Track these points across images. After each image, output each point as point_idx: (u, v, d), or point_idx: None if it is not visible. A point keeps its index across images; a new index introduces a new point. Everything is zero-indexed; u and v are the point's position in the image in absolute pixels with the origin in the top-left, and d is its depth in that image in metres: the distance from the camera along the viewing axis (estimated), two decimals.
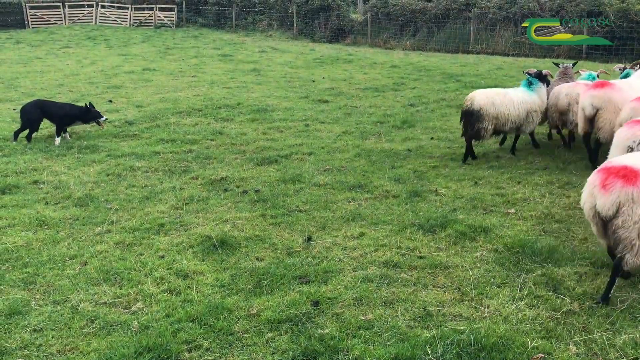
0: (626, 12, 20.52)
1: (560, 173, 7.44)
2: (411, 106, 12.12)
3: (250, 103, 12.44)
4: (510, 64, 19.36)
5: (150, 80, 15.95)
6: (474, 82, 14.94)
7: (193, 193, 6.95)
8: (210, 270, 5.01)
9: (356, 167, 7.90)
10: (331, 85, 15.07)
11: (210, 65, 19.29)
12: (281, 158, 8.37)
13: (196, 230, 5.81)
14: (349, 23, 29.52)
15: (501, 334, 3.91)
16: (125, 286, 4.74)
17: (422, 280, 4.78)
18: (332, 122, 10.81)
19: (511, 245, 5.27)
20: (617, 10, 20.76)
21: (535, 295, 4.46)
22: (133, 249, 5.47)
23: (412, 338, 3.94)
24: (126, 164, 8.11)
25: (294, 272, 4.90)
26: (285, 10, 32.10)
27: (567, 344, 3.86)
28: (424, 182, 7.22)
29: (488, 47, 23.73)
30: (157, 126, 10.39)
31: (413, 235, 5.63)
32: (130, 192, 7.02)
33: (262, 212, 6.32)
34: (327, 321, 4.20)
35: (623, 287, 4.55)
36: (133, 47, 25.52)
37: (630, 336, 3.89)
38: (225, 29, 34.27)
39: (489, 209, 6.32)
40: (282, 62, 20.36)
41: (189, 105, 12.11)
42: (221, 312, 4.30)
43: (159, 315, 4.31)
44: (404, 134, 9.72)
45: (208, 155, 8.53)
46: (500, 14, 23.73)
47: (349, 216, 6.16)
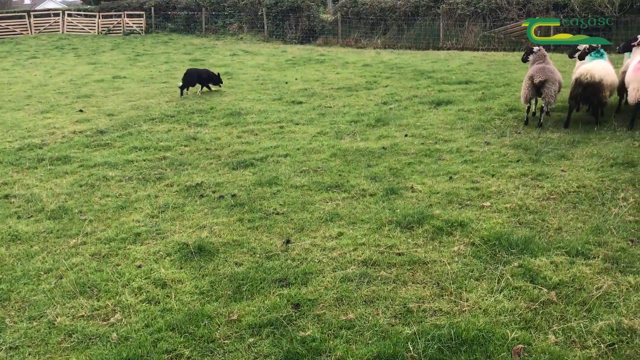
0: (590, 3, 20.91)
1: (533, 165, 7.54)
2: (384, 104, 12.18)
3: (224, 107, 12.37)
4: (481, 59, 19.58)
5: (121, 88, 15.78)
6: (446, 77, 15.07)
7: (168, 200, 6.88)
8: (189, 277, 4.96)
9: (332, 167, 7.91)
10: (304, 86, 15.06)
11: (181, 71, 19.09)
12: (257, 161, 8.34)
13: (173, 238, 5.75)
14: (319, 23, 29.56)
15: (481, 327, 3.95)
16: (103, 298, 4.68)
17: (401, 277, 4.80)
18: (306, 123, 10.80)
19: (487, 238, 5.32)
20: (582, 2, 21.14)
21: (513, 287, 4.51)
22: (109, 259, 5.39)
23: (394, 335, 3.96)
24: (99, 173, 8.00)
25: (274, 276, 4.88)
26: (255, 13, 32.01)
27: (546, 334, 3.91)
28: (400, 179, 7.26)
29: (458, 42, 23.97)
30: (129, 134, 10.27)
31: (391, 233, 5.66)
32: (104, 202, 6.93)
33: (240, 216, 6.29)
34: (308, 323, 4.19)
35: (599, 273, 4.63)
36: (102, 55, 25.22)
37: (606, 322, 3.95)
38: (195, 33, 34.05)
39: (464, 203, 6.37)
40: (254, 64, 20.31)
41: (161, 112, 12.00)
42: (201, 319, 4.27)
43: (138, 325, 4.26)
44: (378, 132, 9.76)
45: (182, 162, 8.46)
46: (469, 10, 23.99)
47: (327, 217, 6.16)
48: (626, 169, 7.11)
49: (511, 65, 17.10)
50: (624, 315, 4.01)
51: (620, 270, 4.67)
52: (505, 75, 14.97)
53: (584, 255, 4.95)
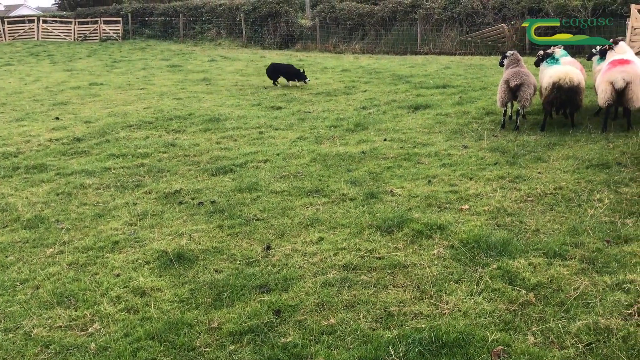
0: (564, 7, 21.25)
1: (510, 167, 7.63)
2: (363, 109, 12.23)
3: (202, 113, 12.31)
4: (458, 63, 19.78)
5: (98, 94, 15.62)
6: (423, 82, 15.19)
7: (147, 208, 6.82)
8: (168, 285, 4.92)
9: (312, 172, 7.91)
10: (283, 91, 15.07)
11: (159, 77, 19.03)
12: (236, 167, 8.31)
13: (152, 246, 5.70)
14: (297, 29, 29.63)
15: (461, 330, 3.97)
16: (81, 308, 4.61)
17: (382, 281, 4.81)
18: (286, 128, 10.80)
19: (466, 241, 5.36)
20: (556, 6, 21.48)
21: (492, 289, 4.55)
22: (87, 269, 5.32)
23: (375, 340, 3.96)
24: (76, 181, 7.90)
25: (254, 282, 4.86)
26: (233, 19, 31.97)
27: (525, 335, 3.94)
28: (380, 184, 7.29)
29: (435, 47, 24.19)
30: (106, 141, 10.17)
31: (371, 237, 5.67)
32: (81, 211, 6.85)
33: (219, 223, 6.25)
34: (289, 329, 4.18)
35: (576, 273, 4.69)
36: (78, 62, 24.95)
37: (584, 322, 4.00)
38: (173, 39, 33.90)
39: (443, 206, 6.42)
40: (232, 70, 20.26)
41: (139, 119, 11.90)
42: (181, 327, 4.23)
43: (117, 335, 4.21)
44: (357, 137, 9.80)
45: (161, 168, 8.39)
46: (445, 14, 24.23)
47: (308, 222, 6.16)
48: (601, 171, 7.22)
49: (488, 69, 17.30)
50: (601, 315, 4.07)
51: (596, 271, 4.73)
52: (482, 79, 15.14)
53: (561, 256, 5.01)
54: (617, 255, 4.93)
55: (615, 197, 6.30)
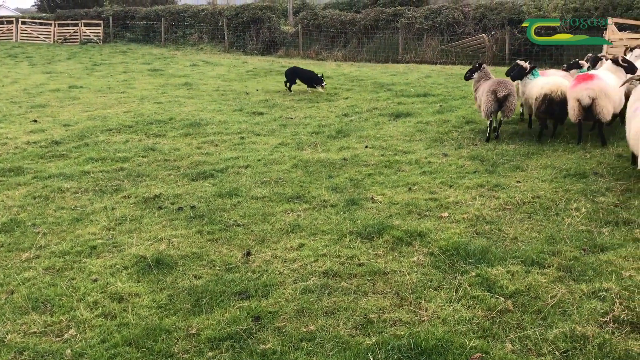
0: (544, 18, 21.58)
1: (490, 176, 7.71)
2: (345, 116, 12.27)
3: (183, 117, 12.25)
4: (438, 72, 19.96)
5: (77, 97, 15.45)
6: (405, 90, 15.30)
7: (126, 212, 6.75)
8: (147, 291, 4.87)
9: (293, 178, 7.90)
10: (265, 97, 15.06)
11: (139, 81, 18.90)
12: (217, 172, 8.27)
13: (130, 251, 5.64)
14: (280, 35, 29.65)
15: (440, 337, 3.99)
16: (57, 313, 4.54)
17: (362, 288, 4.81)
18: (267, 134, 10.78)
19: (446, 248, 5.40)
20: (535, 17, 21.79)
21: (471, 296, 4.58)
22: (64, 273, 5.24)
23: (354, 346, 3.96)
24: (54, 185, 7.79)
25: (234, 288, 4.83)
26: (215, 24, 31.90)
27: (503, 342, 3.97)
28: (361, 190, 7.31)
29: (416, 56, 24.39)
30: (85, 145, 10.05)
31: (352, 244, 5.68)
32: (59, 215, 6.75)
33: (199, 228, 6.21)
34: (268, 336, 4.16)
35: (553, 281, 4.74)
36: (58, 64, 24.68)
37: (561, 330, 4.05)
38: (154, 43, 33.70)
39: (423, 213, 6.46)
40: (214, 75, 20.20)
41: (119, 122, 11.79)
42: (159, 333, 4.18)
43: (94, 341, 4.14)
44: (339, 144, 9.82)
45: (140, 173, 8.32)
46: (427, 24, 24.46)
47: (288, 228, 6.15)
48: (578, 180, 7.33)
49: None
50: (577, 323, 4.12)
51: (573, 279, 4.79)
52: (462, 88, 15.29)
53: (539, 264, 5.07)
54: (594, 264, 5.00)
55: (592, 206, 6.39)
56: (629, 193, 6.74)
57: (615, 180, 7.23)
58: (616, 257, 5.08)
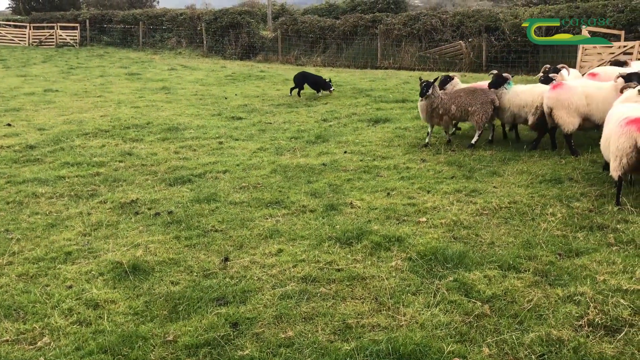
0: (519, 27, 21.88)
1: (467, 181, 7.77)
2: (324, 121, 12.29)
3: (161, 122, 12.15)
4: (417, 78, 20.06)
5: (53, 101, 15.24)
6: (383, 96, 15.38)
7: (102, 218, 6.66)
8: (123, 297, 4.80)
9: (272, 183, 7.88)
10: (244, 102, 15.02)
11: (117, 85, 18.72)
12: (195, 177, 8.21)
13: (106, 257, 5.56)
14: (259, 40, 29.62)
15: (418, 341, 4.00)
16: (30, 321, 4.46)
17: (340, 293, 4.81)
18: (246, 139, 10.75)
19: (424, 253, 5.42)
20: (511, 25, 22.10)
21: (448, 301, 4.61)
22: (38, 280, 5.15)
23: (333, 352, 3.96)
24: (28, 190, 7.66)
25: (211, 295, 4.79)
26: (194, 28, 31.77)
27: (480, 346, 4.00)
28: (340, 195, 7.32)
29: (395, 62, 24.54)
30: (61, 149, 9.91)
31: (330, 249, 5.68)
32: (33, 220, 6.64)
33: (176, 234, 6.15)
34: (246, 342, 4.13)
35: (529, 286, 4.79)
36: (33, 67, 24.32)
37: (537, 334, 4.09)
38: (132, 47, 33.42)
39: (401, 218, 6.48)
40: (192, 79, 20.08)
41: (95, 127, 11.65)
42: (135, 340, 4.13)
43: (68, 349, 4.08)
44: (318, 149, 9.82)
45: (117, 178, 8.22)
46: (405, 30, 24.63)
47: (267, 233, 6.12)
48: (554, 186, 7.43)
49: None
50: (553, 327, 4.17)
51: (549, 283, 4.85)
52: None
53: (516, 269, 5.12)
54: (569, 268, 5.06)
55: (567, 211, 6.48)
56: (603, 198, 6.85)
57: (590, 185, 7.35)
58: (591, 262, 5.16)
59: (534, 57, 21.33)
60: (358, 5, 30.64)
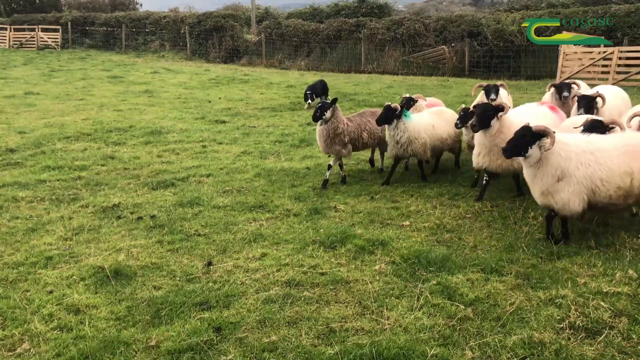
0: (501, 32, 22.12)
1: (450, 185, 7.82)
2: (308, 125, 12.29)
3: (143, 125, 12.06)
4: (400, 83, 20.21)
5: (34, 104, 15.06)
6: (367, 100, 15.43)
7: (83, 222, 6.59)
8: (104, 302, 4.75)
9: (256, 187, 7.86)
10: (228, 105, 14.97)
11: (99, 88, 18.56)
12: (178, 181, 8.16)
13: (88, 262, 5.50)
14: (243, 44, 29.58)
15: (402, 345, 4.01)
16: (10, 326, 4.39)
17: (324, 297, 4.81)
18: (230, 142, 10.71)
19: (407, 257, 5.44)
20: (493, 30, 22.33)
21: (432, 304, 4.62)
22: (17, 285, 5.08)
23: (317, 356, 3.95)
24: (8, 194, 7.56)
25: (195, 299, 4.76)
26: (177, 31, 31.63)
27: (463, 350, 4.02)
28: (324, 199, 7.32)
29: (379, 66, 24.65)
30: (42, 153, 9.80)
31: (314, 253, 5.67)
32: (13, 225, 6.54)
33: (159, 238, 6.10)
34: (230, 347, 4.11)
35: (512, 289, 4.83)
36: (13, 70, 24.03)
37: (519, 337, 4.12)
38: (114, 50, 33.18)
39: (385, 222, 6.50)
40: (176, 83, 19.99)
41: (77, 130, 11.54)
42: (117, 346, 4.09)
43: (49, 355, 4.02)
44: (302, 153, 9.82)
45: (99, 182, 8.15)
46: (389, 35, 24.77)
47: (251, 237, 6.10)
48: None
49: (429, 89, 17.73)
50: (535, 329, 4.20)
51: (531, 286, 4.89)
52: None
53: (498, 272, 5.15)
54: (550, 271, 5.11)
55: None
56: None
57: None
58: (572, 265, 5.21)
59: (515, 62, 21.56)
60: (342, 10, 30.78)
